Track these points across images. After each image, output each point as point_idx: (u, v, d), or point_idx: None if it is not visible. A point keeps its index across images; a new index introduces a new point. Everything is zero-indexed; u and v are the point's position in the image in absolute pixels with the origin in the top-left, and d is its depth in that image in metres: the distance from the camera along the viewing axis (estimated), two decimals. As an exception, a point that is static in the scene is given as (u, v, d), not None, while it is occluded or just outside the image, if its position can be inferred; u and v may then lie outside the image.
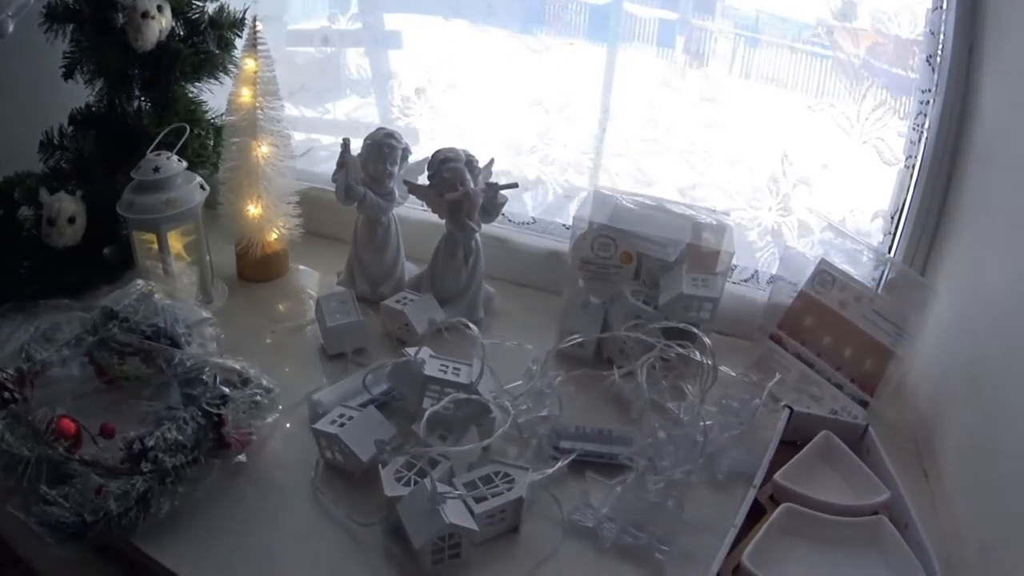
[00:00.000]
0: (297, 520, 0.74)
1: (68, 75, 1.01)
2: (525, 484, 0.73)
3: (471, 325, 0.80)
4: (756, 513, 0.74)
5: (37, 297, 0.93)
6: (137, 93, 1.05)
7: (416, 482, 0.72)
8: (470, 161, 0.94)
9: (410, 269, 1.08)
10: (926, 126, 0.93)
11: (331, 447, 0.78)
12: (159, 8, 0.97)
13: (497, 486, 0.73)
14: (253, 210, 1.03)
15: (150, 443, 0.72)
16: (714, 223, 0.96)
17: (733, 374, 0.92)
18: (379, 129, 0.97)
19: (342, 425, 0.78)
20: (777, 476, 0.76)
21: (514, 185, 0.95)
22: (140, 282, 0.89)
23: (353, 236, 1.03)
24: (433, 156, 0.94)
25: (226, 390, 0.77)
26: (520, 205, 1.15)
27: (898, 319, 0.90)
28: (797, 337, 0.97)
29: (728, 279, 0.99)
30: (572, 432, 0.82)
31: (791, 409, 0.84)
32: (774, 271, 1.02)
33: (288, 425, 0.84)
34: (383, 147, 0.95)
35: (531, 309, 1.06)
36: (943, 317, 0.89)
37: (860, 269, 0.98)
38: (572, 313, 0.95)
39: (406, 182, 0.98)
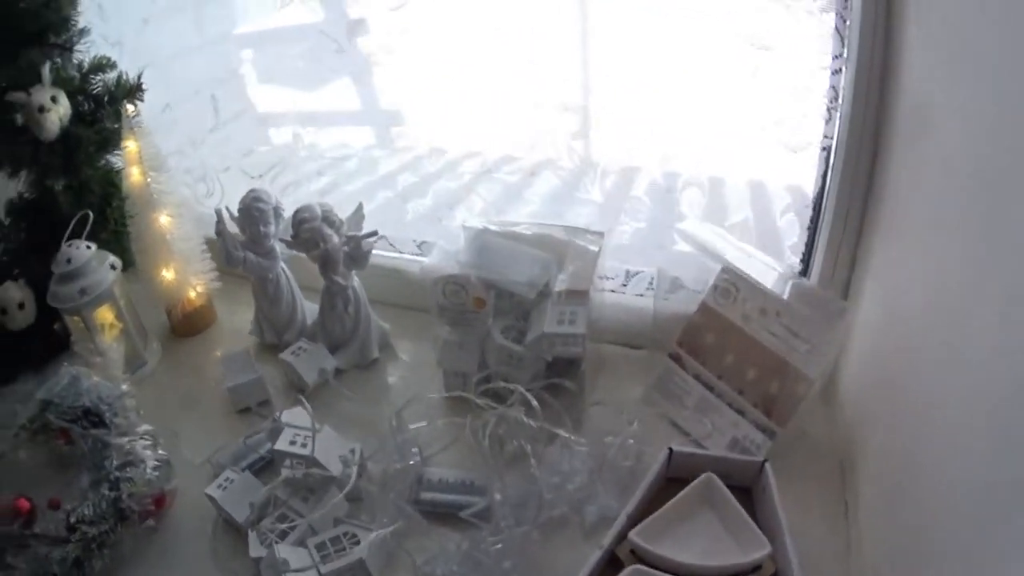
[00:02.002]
0: (200, 570, 1.07)
1: (-4, 169, 1.37)
2: (367, 544, 0.99)
3: (304, 406, 1.08)
4: (614, 568, 0.88)
5: (7, 375, 1.36)
6: (60, 180, 1.40)
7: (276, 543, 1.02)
8: (328, 216, 1.22)
9: (313, 311, 1.38)
10: (840, 100, 1.00)
11: (217, 507, 1.10)
12: (53, 99, 1.30)
13: (343, 547, 1.00)
14: (167, 275, 1.40)
15: (74, 519, 1.07)
16: (584, 246, 1.13)
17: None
18: (248, 193, 1.28)
19: (224, 489, 1.10)
20: (632, 533, 0.88)
21: (374, 233, 1.23)
22: (67, 367, 1.25)
23: (252, 289, 1.36)
24: (292, 215, 1.22)
25: (120, 473, 1.11)
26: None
27: (810, 334, 1.00)
28: (697, 356, 1.10)
29: (621, 290, 1.21)
30: (435, 483, 1.08)
31: (671, 449, 0.97)
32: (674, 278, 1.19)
33: (193, 486, 1.17)
34: (252, 211, 1.26)
35: (425, 338, 1.30)
36: (872, 324, 0.98)
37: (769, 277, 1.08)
38: (449, 353, 1.19)
39: (281, 239, 1.29)
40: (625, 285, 1.31)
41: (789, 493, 0.91)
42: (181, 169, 1.60)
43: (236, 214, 1.29)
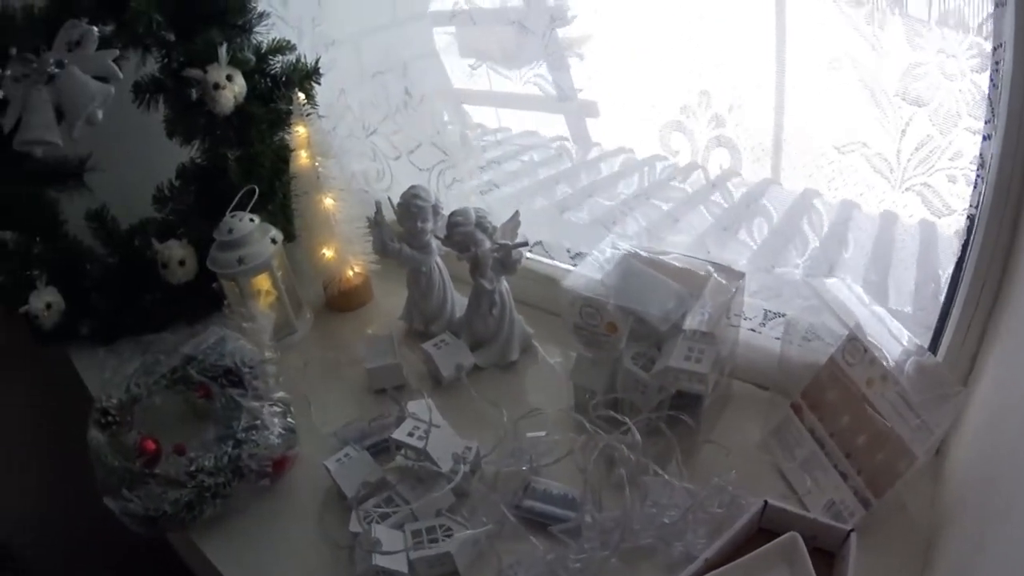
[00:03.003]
0: (302, 532, 1.28)
1: (170, 135, 1.64)
2: (458, 540, 1.15)
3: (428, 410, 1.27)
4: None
5: (162, 324, 1.63)
6: (232, 151, 1.67)
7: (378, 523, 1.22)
8: (480, 222, 1.42)
9: (462, 305, 1.60)
10: (987, 169, 1.04)
11: (333, 479, 1.31)
12: (229, 77, 1.55)
13: (437, 538, 1.16)
14: (327, 253, 1.66)
15: (194, 467, 1.30)
16: (724, 284, 1.24)
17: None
18: (409, 189, 1.50)
19: (340, 463, 1.32)
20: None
21: (524, 244, 1.42)
22: (216, 326, 1.49)
23: (407, 278, 1.59)
24: (448, 218, 1.43)
25: (244, 435, 1.32)
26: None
27: (923, 410, 1.04)
28: (817, 411, 1.19)
29: (759, 329, 1.33)
30: (539, 493, 1.23)
31: (766, 502, 1.06)
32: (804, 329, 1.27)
33: (315, 453, 1.39)
34: (410, 207, 1.49)
35: (568, 348, 1.49)
36: (989, 408, 1.03)
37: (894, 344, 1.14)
38: (581, 368, 1.36)
39: (436, 236, 1.49)
40: (763, 325, 1.41)
41: (871, 566, 1.01)
42: (355, 152, 1.86)
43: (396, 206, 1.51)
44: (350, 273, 1.73)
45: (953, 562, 0.97)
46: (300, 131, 1.57)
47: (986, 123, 1.01)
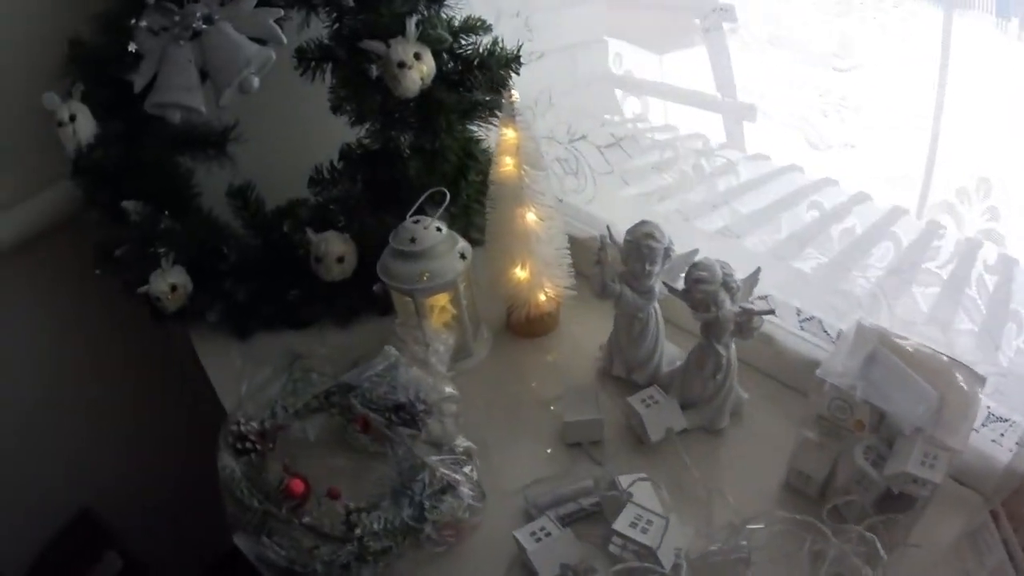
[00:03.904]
0: None
1: (335, 110, 1.43)
2: None
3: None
4: None
5: (305, 322, 1.48)
6: (408, 136, 1.46)
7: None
8: (727, 282, 1.23)
9: (672, 353, 1.42)
10: None
11: (524, 553, 1.15)
12: (416, 56, 1.34)
13: None
14: (520, 273, 1.45)
15: (360, 531, 1.13)
16: (965, 389, 1.12)
17: None
18: (640, 226, 1.29)
19: (538, 540, 1.14)
20: None
21: (771, 311, 1.24)
22: (390, 351, 1.30)
23: (614, 319, 1.40)
24: (689, 270, 1.25)
25: (437, 499, 1.16)
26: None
27: None
28: (1013, 520, 1.11)
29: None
30: None
31: None
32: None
33: (493, 510, 1.22)
34: (642, 247, 1.28)
35: (785, 417, 1.34)
36: None
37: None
38: (805, 452, 1.22)
39: (665, 283, 1.31)
40: (984, 426, 1.29)
41: None
42: (550, 157, 1.64)
43: (616, 240, 1.32)
44: (541, 297, 1.50)
45: None
46: (508, 134, 1.35)
47: None
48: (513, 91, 1.33)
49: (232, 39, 1.34)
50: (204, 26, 1.35)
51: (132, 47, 1.39)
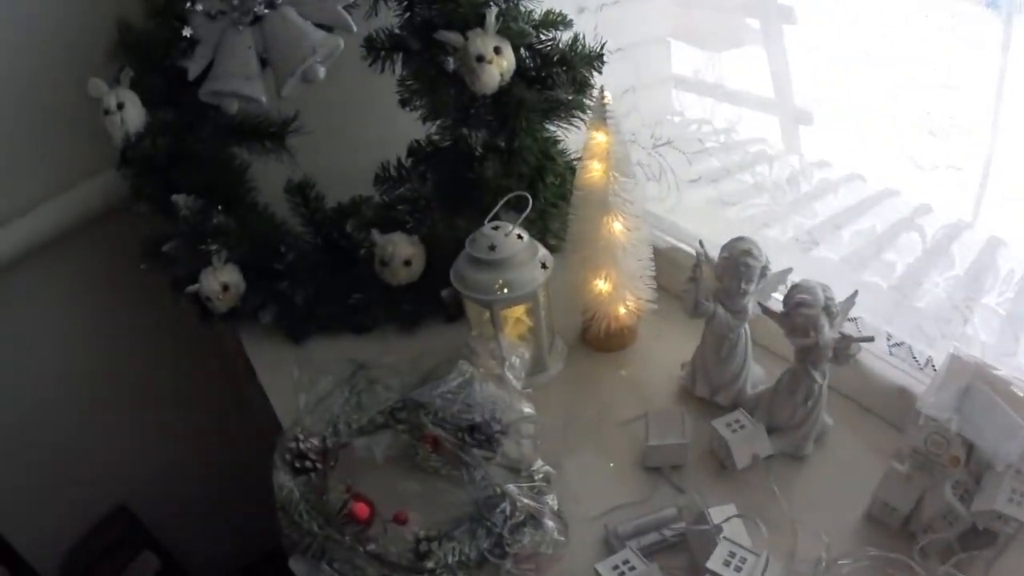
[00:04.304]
0: None
1: (404, 104, 1.36)
2: None
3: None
4: None
5: (367, 326, 1.43)
6: (483, 133, 1.38)
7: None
8: (828, 307, 1.16)
9: (756, 375, 1.36)
10: None
11: (598, 580, 1.11)
12: (497, 50, 1.27)
13: None
14: (602, 285, 1.37)
15: (433, 552, 1.06)
16: None
17: None
18: (737, 242, 1.22)
19: (622, 573, 1.07)
20: None
21: (870, 338, 1.18)
22: (466, 367, 1.23)
23: (701, 339, 1.33)
24: (789, 292, 1.18)
25: (519, 532, 1.09)
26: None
27: None
28: None
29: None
30: None
31: None
32: None
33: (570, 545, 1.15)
34: (739, 265, 1.21)
35: (867, 446, 1.29)
36: None
37: None
38: (890, 484, 1.17)
39: (760, 304, 1.24)
40: None
41: None
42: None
43: (711, 257, 1.25)
44: (621, 310, 1.42)
45: None
46: (598, 139, 1.27)
47: None
48: (606, 92, 1.25)
49: (296, 25, 1.27)
50: (265, 11, 1.28)
51: (187, 31, 1.32)
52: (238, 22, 1.29)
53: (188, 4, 1.30)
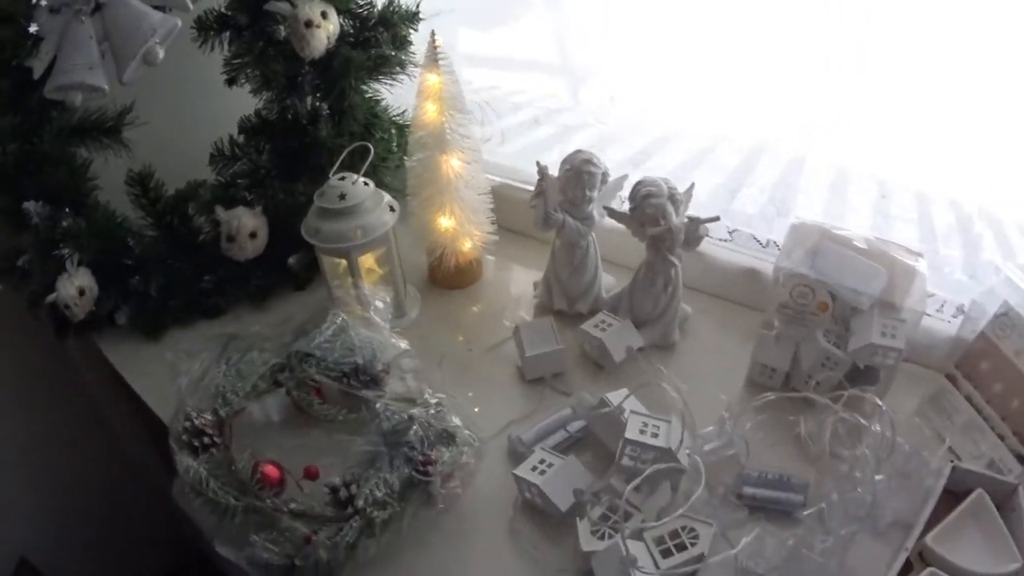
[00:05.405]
0: (494, 562, 1.11)
1: (231, 83, 1.40)
2: (708, 540, 1.03)
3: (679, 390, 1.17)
4: (905, 569, 1.03)
5: (220, 308, 1.44)
6: (310, 99, 1.44)
7: (610, 536, 1.07)
8: (673, 195, 1.28)
9: (607, 282, 1.47)
10: None
11: (530, 490, 1.15)
12: (323, 14, 1.33)
13: (682, 541, 1.03)
14: (445, 223, 1.45)
15: (356, 494, 1.07)
16: (907, 264, 1.23)
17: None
18: (577, 153, 1.33)
19: (542, 473, 1.14)
20: (929, 539, 1.05)
21: (716, 218, 1.30)
22: (337, 314, 1.27)
23: (551, 254, 1.43)
24: (634, 188, 1.30)
25: (433, 453, 1.11)
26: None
27: None
28: (971, 380, 1.24)
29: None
30: (755, 478, 1.16)
31: (954, 466, 1.13)
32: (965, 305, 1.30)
33: (484, 460, 1.19)
34: (582, 174, 1.32)
35: (726, 327, 1.44)
36: None
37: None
38: (765, 346, 1.30)
39: (606, 208, 1.35)
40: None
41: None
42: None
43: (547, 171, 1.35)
44: (467, 246, 1.51)
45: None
46: (431, 79, 1.34)
47: None
48: (437, 36, 1.33)
49: (134, 8, 1.29)
50: (105, -2, 1.28)
51: (33, 28, 1.29)
52: (81, 12, 1.28)
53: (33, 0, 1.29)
